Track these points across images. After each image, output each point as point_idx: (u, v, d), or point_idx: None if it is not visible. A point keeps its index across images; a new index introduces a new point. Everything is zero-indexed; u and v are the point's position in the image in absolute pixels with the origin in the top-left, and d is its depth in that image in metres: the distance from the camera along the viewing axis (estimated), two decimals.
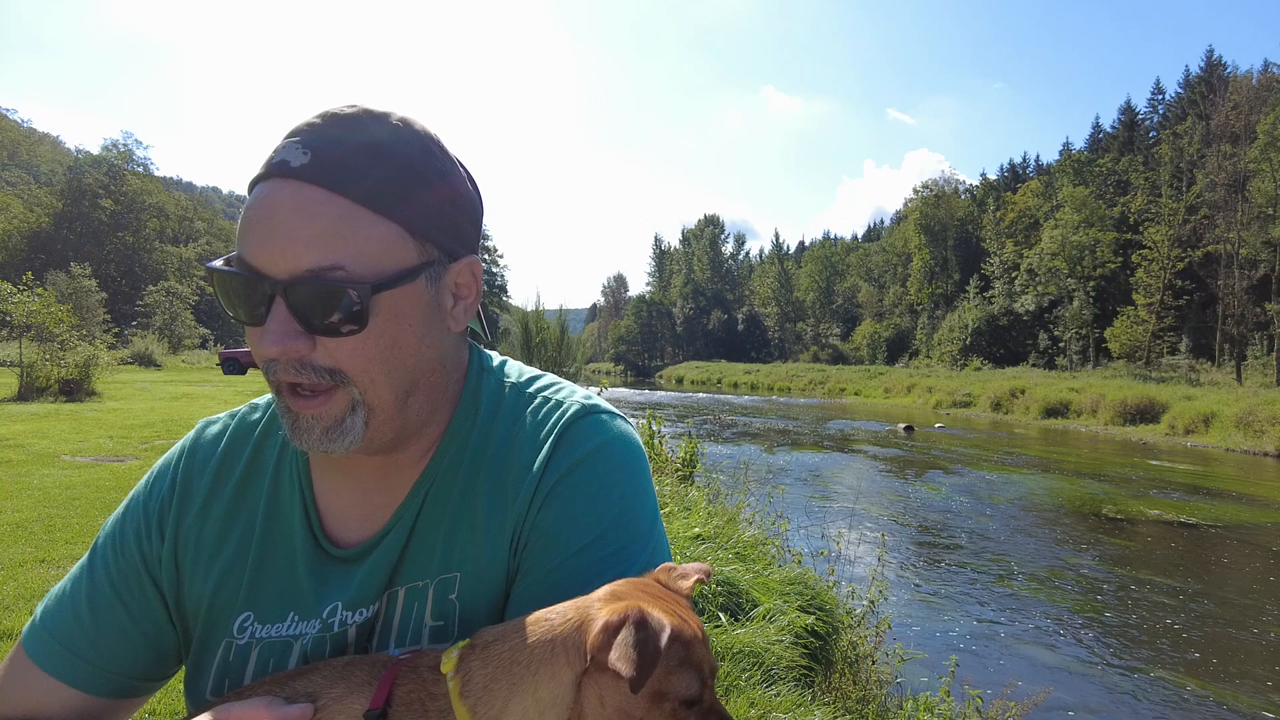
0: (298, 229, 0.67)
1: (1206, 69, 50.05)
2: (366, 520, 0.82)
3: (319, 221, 0.67)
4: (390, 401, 0.74)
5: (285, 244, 0.67)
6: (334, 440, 0.73)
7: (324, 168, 0.68)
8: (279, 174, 0.69)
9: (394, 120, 0.73)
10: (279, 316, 0.69)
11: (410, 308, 0.73)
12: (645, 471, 0.83)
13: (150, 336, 37.49)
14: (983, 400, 32.93)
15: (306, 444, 0.73)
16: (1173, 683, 5.41)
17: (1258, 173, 36.86)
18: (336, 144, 0.70)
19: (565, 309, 8.89)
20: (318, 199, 0.68)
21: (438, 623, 0.76)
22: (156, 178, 66.99)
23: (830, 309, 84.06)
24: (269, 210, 0.68)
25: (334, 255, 0.67)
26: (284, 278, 0.68)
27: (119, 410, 12.40)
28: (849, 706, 3.78)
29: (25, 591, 3.93)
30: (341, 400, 0.72)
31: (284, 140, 0.71)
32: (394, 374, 0.74)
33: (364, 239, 0.69)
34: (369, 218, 0.69)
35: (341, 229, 0.68)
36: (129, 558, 0.84)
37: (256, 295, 0.69)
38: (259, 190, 0.70)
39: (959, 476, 14.16)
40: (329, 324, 0.69)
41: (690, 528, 5.17)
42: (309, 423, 0.72)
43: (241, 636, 0.79)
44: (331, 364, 0.71)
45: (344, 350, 0.70)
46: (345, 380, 0.71)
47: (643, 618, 0.56)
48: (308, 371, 0.71)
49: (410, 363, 0.75)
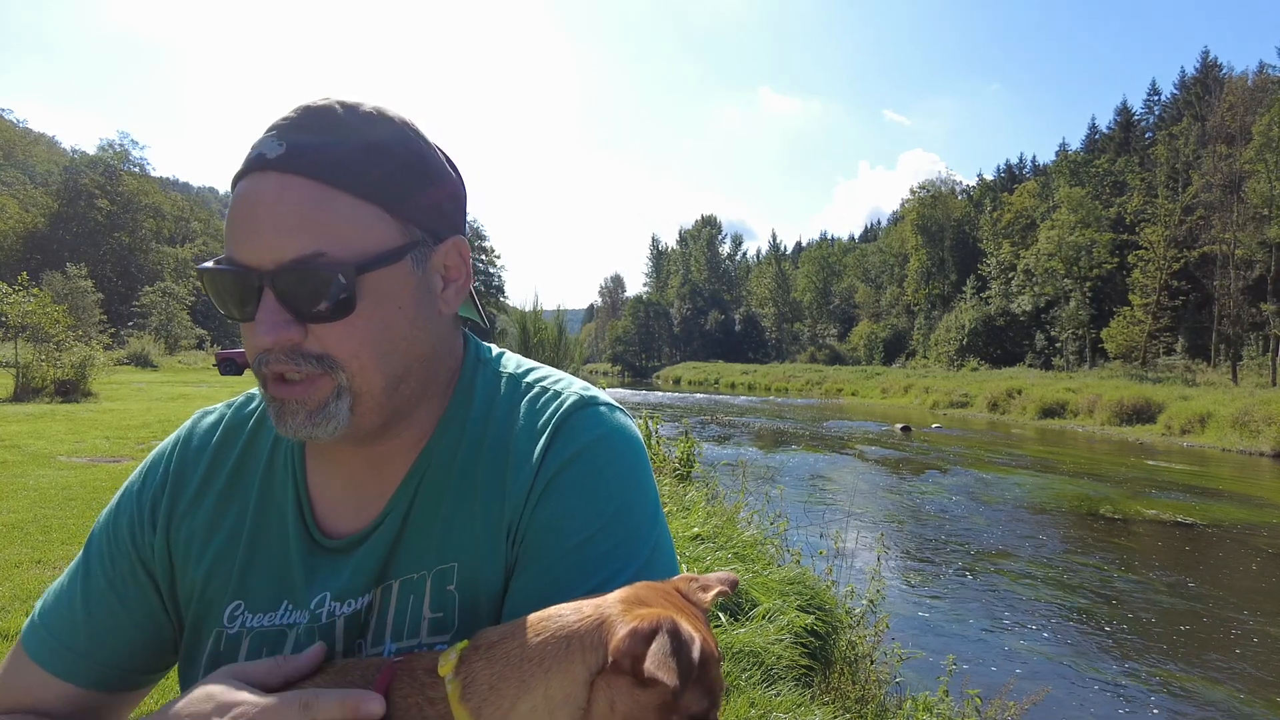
0: (279, 219, 0.68)
1: (1202, 70, 50.23)
2: (359, 511, 0.81)
3: (299, 209, 0.68)
4: (380, 387, 0.74)
5: (268, 235, 0.68)
6: (318, 425, 0.72)
7: (299, 156, 0.69)
8: (257, 168, 0.70)
9: (367, 108, 0.74)
10: (269, 307, 0.69)
11: (398, 290, 0.73)
12: (645, 464, 0.82)
13: (146, 337, 37.46)
14: (980, 400, 33.00)
15: (291, 429, 0.73)
16: (1170, 682, 5.42)
17: (1253, 173, 37.01)
18: (310, 132, 0.70)
19: (563, 309, 8.91)
20: (295, 186, 0.68)
21: (437, 614, 0.75)
22: (153, 178, 67.00)
23: (827, 309, 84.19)
24: (250, 204, 0.69)
25: (316, 241, 0.68)
26: (270, 268, 0.68)
27: (115, 411, 12.37)
28: (848, 706, 3.78)
29: (21, 592, 3.92)
30: (325, 385, 0.72)
31: (262, 135, 0.72)
32: (385, 359, 0.73)
33: (345, 222, 0.69)
34: (348, 201, 0.70)
35: (321, 214, 0.69)
36: (123, 549, 0.84)
37: (246, 289, 0.70)
38: (240, 187, 0.71)
39: (956, 477, 14.18)
40: (318, 310, 0.69)
41: (689, 527, 5.17)
42: (293, 408, 0.72)
43: (232, 625, 0.78)
44: (322, 350, 0.71)
45: (334, 336, 0.71)
46: (334, 366, 0.71)
47: (676, 628, 0.55)
48: (299, 359, 0.71)
49: (402, 346, 0.75)
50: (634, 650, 0.54)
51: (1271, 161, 35.27)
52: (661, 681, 0.52)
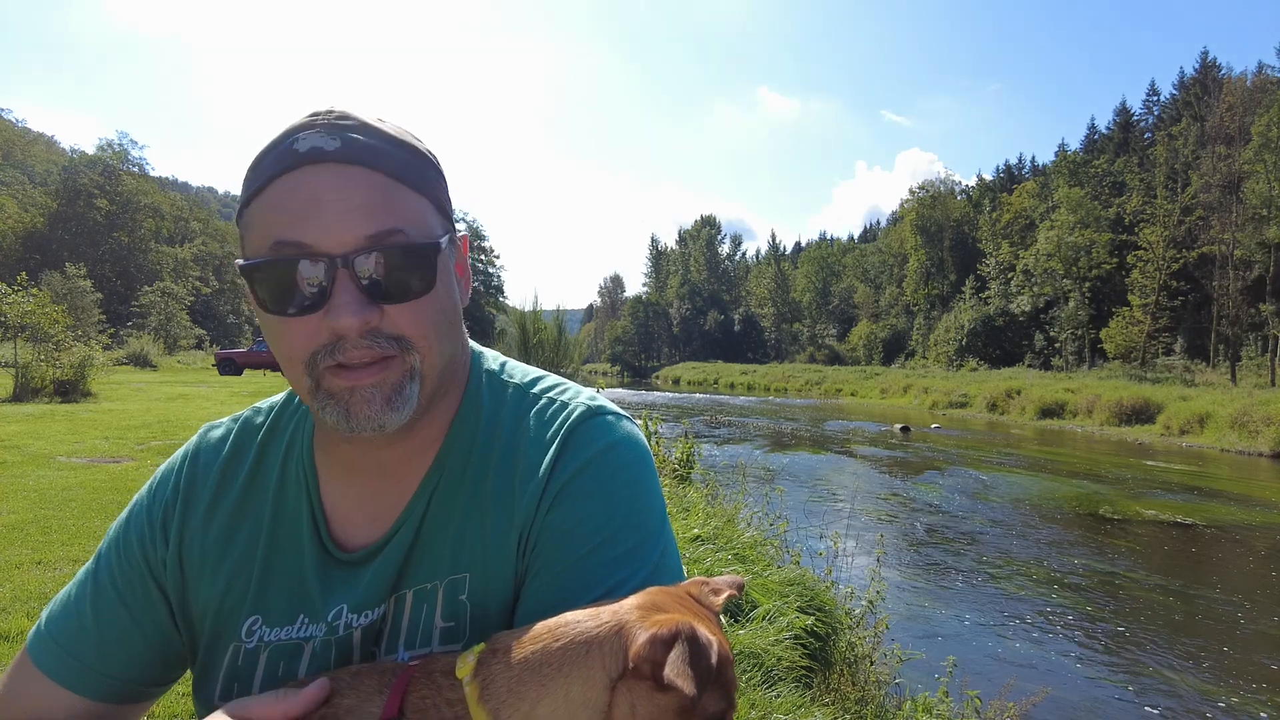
0: (349, 203, 0.69)
1: (1201, 70, 50.27)
2: (373, 522, 0.81)
3: (371, 193, 0.70)
4: (438, 370, 0.76)
5: (337, 218, 0.69)
6: (396, 409, 0.72)
7: (357, 149, 0.71)
8: (312, 160, 0.70)
9: (376, 117, 0.77)
10: (346, 289, 0.69)
11: (449, 276, 0.78)
12: (652, 472, 0.83)
13: (146, 337, 37.31)
14: (979, 401, 33.00)
15: (367, 417, 0.71)
16: (1169, 682, 5.42)
17: (1252, 174, 37.04)
18: (355, 131, 0.72)
19: (562, 309, 8.91)
20: (360, 176, 0.71)
21: (449, 623, 0.76)
22: (152, 178, 66.80)
23: (826, 310, 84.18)
24: (314, 193, 0.69)
25: (390, 220, 0.70)
26: (345, 250, 0.69)
27: (115, 411, 12.35)
28: (848, 707, 3.78)
29: (21, 594, 3.91)
30: (399, 368, 0.73)
31: (298, 134, 0.71)
32: (445, 340, 0.76)
33: (409, 207, 0.73)
34: (405, 190, 0.73)
35: (389, 198, 0.71)
36: (133, 563, 0.84)
37: (314, 276, 0.69)
38: (289, 180, 0.70)
39: (955, 477, 14.19)
40: (403, 286, 0.71)
41: (689, 529, 5.17)
42: (369, 393, 0.71)
43: (250, 640, 0.79)
44: (397, 331, 0.72)
45: (407, 316, 0.72)
46: (409, 347, 0.73)
47: (694, 635, 0.56)
48: (379, 341, 0.71)
49: (454, 331, 0.78)
50: (654, 656, 0.56)
51: (1270, 162, 35.30)
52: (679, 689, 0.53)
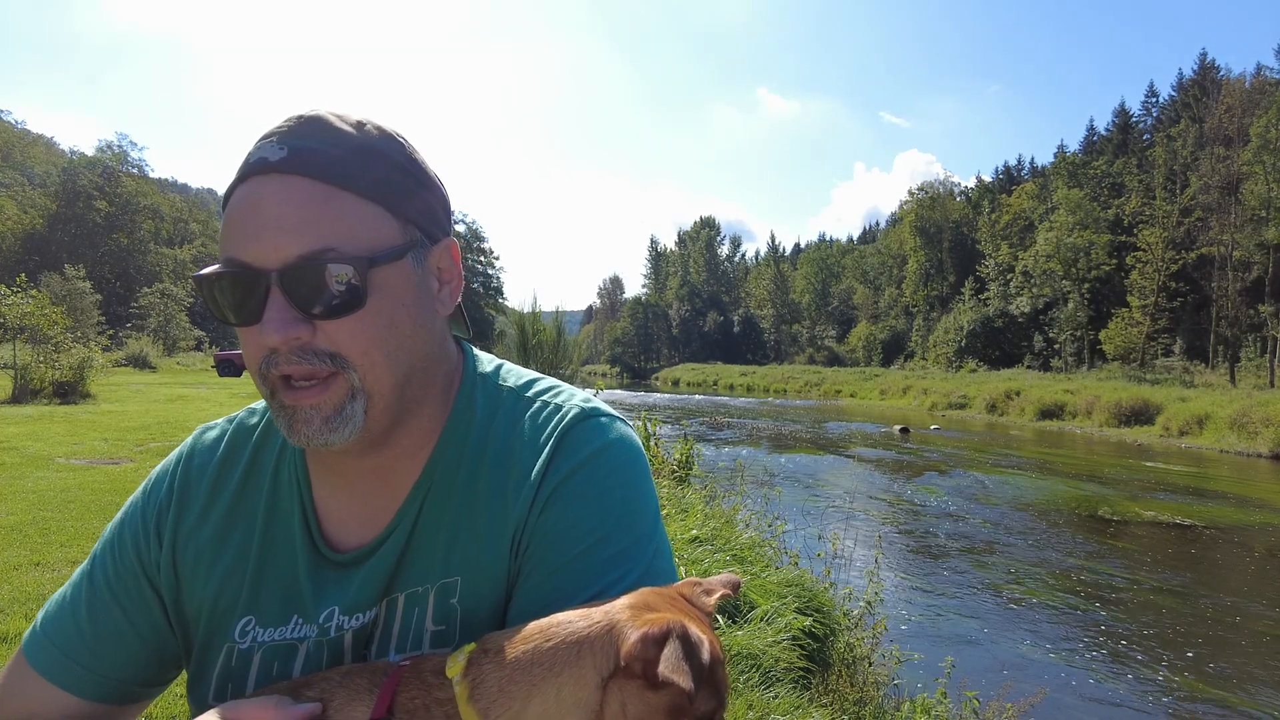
0: (285, 217, 0.68)
1: (1200, 72, 50.33)
2: (365, 524, 0.81)
3: (306, 207, 0.68)
4: (390, 386, 0.74)
5: (274, 234, 0.68)
6: (334, 430, 0.71)
7: (301, 158, 0.70)
8: (258, 171, 0.70)
9: (356, 117, 0.76)
10: (277, 305, 0.69)
11: (402, 287, 0.74)
12: (646, 474, 0.83)
13: (145, 338, 37.30)
14: (978, 402, 33.00)
15: (306, 436, 0.72)
16: (1168, 683, 5.43)
17: (1251, 175, 37.10)
18: (308, 138, 0.71)
19: (561, 310, 8.90)
20: (300, 186, 0.69)
21: (439, 627, 0.76)
22: (151, 179, 66.79)
23: (826, 311, 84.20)
24: (254, 206, 0.69)
25: (325, 238, 0.68)
26: (276, 266, 0.68)
27: (114, 412, 12.35)
28: (846, 708, 3.78)
29: (20, 595, 3.91)
30: (340, 388, 0.71)
31: (258, 143, 0.72)
32: (392, 356, 0.74)
33: (351, 219, 0.70)
34: (353, 200, 0.71)
35: (329, 212, 0.69)
36: (127, 564, 0.84)
37: (250, 290, 0.69)
38: (240, 191, 0.71)
39: (955, 478, 14.19)
40: (330, 305, 0.69)
41: (688, 530, 5.17)
42: (308, 414, 0.71)
43: (243, 640, 0.79)
44: (332, 348, 0.71)
45: (344, 332, 0.70)
46: (346, 365, 0.71)
47: (686, 633, 0.57)
48: (310, 358, 0.70)
49: (407, 345, 0.75)
50: (646, 655, 0.56)
51: (1269, 163, 35.35)
52: (676, 685, 0.53)
